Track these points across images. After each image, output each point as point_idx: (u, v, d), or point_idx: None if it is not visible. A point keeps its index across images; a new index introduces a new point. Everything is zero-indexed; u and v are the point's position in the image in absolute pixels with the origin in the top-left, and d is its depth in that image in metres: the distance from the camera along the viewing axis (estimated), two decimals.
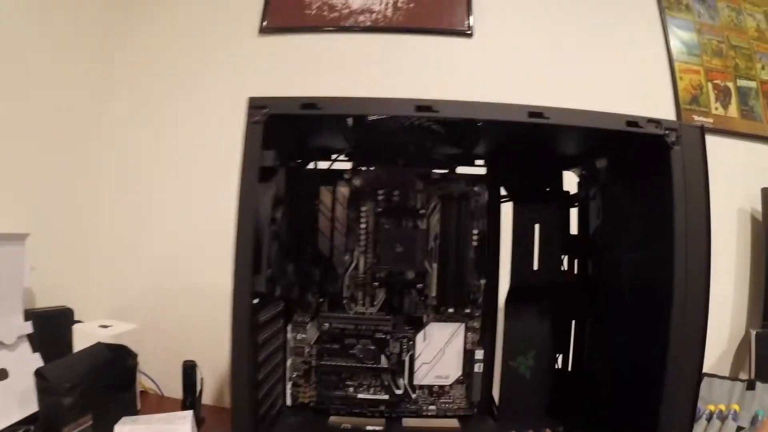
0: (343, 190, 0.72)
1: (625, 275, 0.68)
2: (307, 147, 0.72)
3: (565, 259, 0.78)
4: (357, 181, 0.71)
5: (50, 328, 0.95)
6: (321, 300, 0.73)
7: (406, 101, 0.53)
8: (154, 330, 1.06)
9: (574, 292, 0.76)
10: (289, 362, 0.74)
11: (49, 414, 0.78)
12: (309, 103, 0.54)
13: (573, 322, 0.77)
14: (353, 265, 0.72)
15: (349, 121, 0.58)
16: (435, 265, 0.72)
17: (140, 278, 1.12)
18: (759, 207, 1.10)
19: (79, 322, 1.00)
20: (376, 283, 0.72)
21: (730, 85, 1.20)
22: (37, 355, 0.89)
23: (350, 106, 0.55)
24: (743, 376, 1.04)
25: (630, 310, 0.65)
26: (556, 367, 0.77)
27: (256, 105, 0.55)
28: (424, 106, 0.53)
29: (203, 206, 1.08)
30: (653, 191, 0.59)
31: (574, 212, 0.79)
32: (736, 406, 0.81)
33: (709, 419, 0.80)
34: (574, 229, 0.78)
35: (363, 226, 0.72)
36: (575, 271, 0.78)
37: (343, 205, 0.72)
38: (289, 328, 0.74)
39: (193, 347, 0.99)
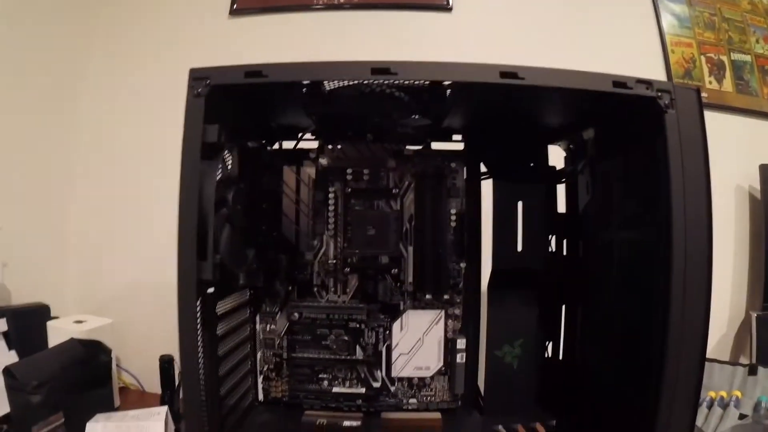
0: (309, 171, 0.64)
1: (618, 255, 0.60)
2: (270, 127, 0.65)
3: (553, 240, 0.70)
4: (324, 160, 0.64)
5: (26, 325, 0.90)
6: (290, 288, 0.66)
7: (361, 64, 0.46)
8: (133, 325, 1.00)
9: (564, 274, 0.68)
10: (259, 355, 0.67)
11: (19, 413, 0.73)
12: (254, 71, 0.47)
13: (563, 307, 0.69)
14: (322, 250, 0.65)
15: (304, 90, 0.50)
16: (410, 249, 0.65)
17: (118, 273, 1.05)
18: (757, 184, 1.01)
19: (56, 318, 0.94)
20: (348, 269, 0.65)
21: (724, 58, 1.11)
22: (13, 353, 0.84)
23: (299, 71, 0.47)
24: (744, 360, 0.96)
25: (625, 292, 0.57)
26: (546, 356, 0.69)
27: (197, 76, 0.48)
28: (380, 69, 0.45)
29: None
30: (647, 162, 0.51)
31: (561, 189, 0.71)
32: (737, 393, 0.74)
33: (710, 406, 0.73)
34: (561, 208, 0.70)
35: (331, 208, 0.65)
36: (564, 252, 0.70)
37: (309, 186, 0.64)
38: (257, 318, 0.66)
39: (174, 341, 0.92)
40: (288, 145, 0.67)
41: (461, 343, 0.65)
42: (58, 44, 1.04)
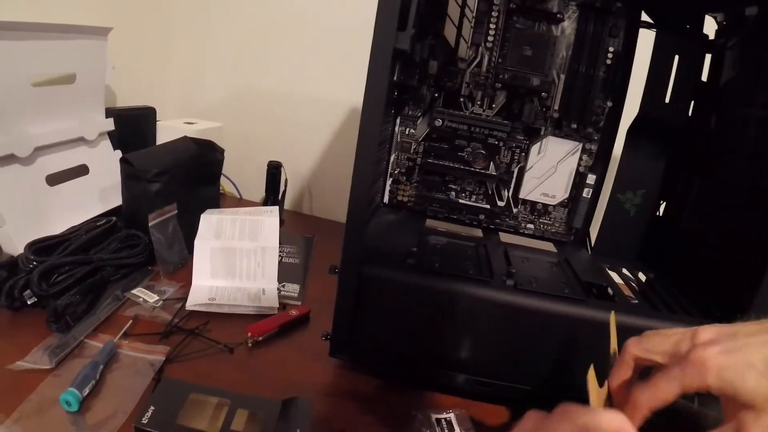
0: None
1: (751, 139, 0.56)
2: None
3: (691, 106, 0.66)
4: None
5: (132, 126, 0.89)
6: (436, 95, 0.63)
7: None
8: (234, 134, 0.98)
9: (694, 141, 0.65)
10: (392, 157, 0.65)
11: (134, 201, 0.72)
12: None
13: (684, 172, 0.67)
14: (476, 61, 0.62)
15: None
16: (563, 77, 0.62)
17: (222, 81, 1.02)
18: None
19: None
20: (498, 85, 0.62)
21: None
22: (118, 152, 0.83)
23: None
24: None
25: (746, 178, 0.54)
26: (657, 213, 0.67)
27: None
28: None
29: (290, 5, 0.95)
30: None
31: (706, 59, 0.67)
32: None
33: None
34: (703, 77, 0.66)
35: (493, 20, 0.61)
36: (697, 120, 0.66)
37: None
38: (398, 121, 0.64)
39: (274, 152, 0.91)
40: None
41: (591, 179, 0.64)
42: None
